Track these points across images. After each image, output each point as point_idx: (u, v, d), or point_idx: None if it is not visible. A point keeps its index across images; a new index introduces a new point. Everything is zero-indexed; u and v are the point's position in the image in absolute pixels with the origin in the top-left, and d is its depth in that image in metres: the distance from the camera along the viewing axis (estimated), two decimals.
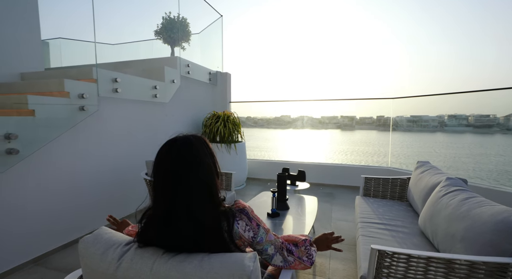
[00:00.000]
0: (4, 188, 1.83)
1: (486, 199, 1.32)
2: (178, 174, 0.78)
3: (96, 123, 2.50)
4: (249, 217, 0.85)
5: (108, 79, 2.61)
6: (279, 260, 0.93)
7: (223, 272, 0.67)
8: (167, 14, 4.22)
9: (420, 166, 2.23)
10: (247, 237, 0.84)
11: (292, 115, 6.24)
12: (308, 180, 4.37)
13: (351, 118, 7.25)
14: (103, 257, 0.76)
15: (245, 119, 6.38)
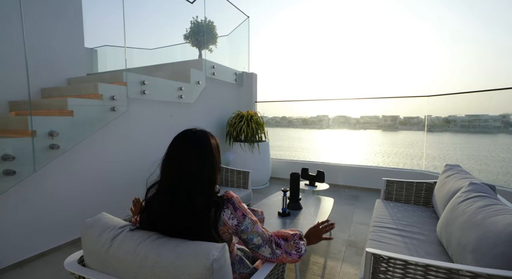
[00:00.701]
0: (46, 178, 2.11)
1: (510, 207, 1.18)
2: (187, 161, 0.89)
3: (125, 122, 2.74)
4: (235, 206, 0.92)
5: (136, 82, 2.84)
6: (267, 252, 0.96)
7: (191, 257, 0.72)
8: (194, 19, 4.42)
9: (448, 169, 2.04)
10: (231, 225, 0.90)
11: (330, 115, 6.03)
12: (334, 182, 4.27)
13: (394, 118, 6.77)
14: (99, 238, 0.86)
15: (280, 119, 6.36)
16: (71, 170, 2.29)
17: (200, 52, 4.62)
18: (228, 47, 5.30)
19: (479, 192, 1.38)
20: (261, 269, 0.95)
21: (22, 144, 1.94)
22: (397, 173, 3.86)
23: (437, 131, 4.81)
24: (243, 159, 4.12)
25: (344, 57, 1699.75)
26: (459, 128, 4.82)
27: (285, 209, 2.06)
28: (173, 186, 0.88)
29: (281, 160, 4.81)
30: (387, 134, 14.99)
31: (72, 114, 2.26)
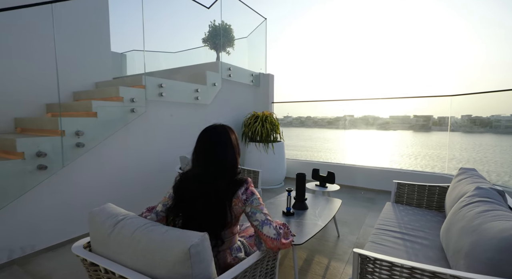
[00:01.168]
0: (72, 173, 2.35)
1: (510, 213, 1.13)
2: (210, 152, 1.14)
3: (144, 122, 2.94)
4: (247, 186, 1.14)
5: (154, 85, 3.03)
6: (272, 232, 1.04)
7: (174, 242, 0.81)
8: (212, 23, 4.57)
9: (461, 173, 1.95)
10: (241, 198, 1.10)
11: (356, 115, 5.81)
12: (351, 183, 4.19)
13: (427, 118, 6.37)
14: (103, 224, 0.98)
15: (305, 119, 6.30)
16: (95, 165, 2.51)
17: (217, 54, 4.76)
18: (248, 49, 5.40)
19: (483, 197, 1.32)
20: (252, 256, 1.02)
21: (52, 142, 2.18)
22: (418, 175, 3.70)
23: (476, 132, 4.52)
24: (258, 158, 4.19)
25: (370, 55, 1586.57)
26: (503, 129, 4.41)
27: (289, 208, 2.10)
28: (202, 172, 1.11)
29: (296, 160, 4.81)
30: (418, 135, 14.19)
31: (96, 115, 2.48)
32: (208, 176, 1.10)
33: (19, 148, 2.01)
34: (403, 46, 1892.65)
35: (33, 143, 2.08)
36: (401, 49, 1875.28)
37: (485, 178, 1.78)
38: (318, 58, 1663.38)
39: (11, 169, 1.98)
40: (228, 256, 1.13)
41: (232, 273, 0.90)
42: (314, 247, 2.27)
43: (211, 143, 1.15)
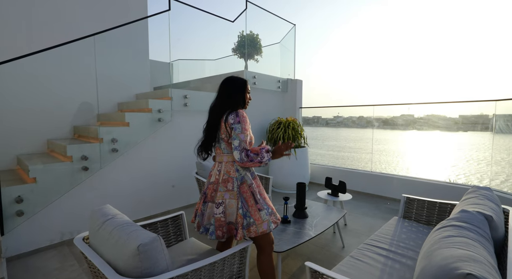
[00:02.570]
0: (109, 175, 2.82)
1: (475, 241, 1.07)
2: (220, 90, 1.62)
3: (170, 130, 3.32)
4: (237, 114, 1.47)
5: (180, 96, 3.39)
6: (237, 156, 1.42)
7: (131, 240, 1.02)
8: (240, 33, 4.82)
9: (471, 191, 1.78)
10: (229, 121, 1.46)
11: (416, 114, 5.28)
12: (379, 193, 3.97)
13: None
14: (96, 221, 1.25)
15: (357, 119, 6.08)
16: (127, 168, 2.96)
17: (246, 63, 5.00)
18: (276, 56, 5.53)
19: (461, 221, 1.24)
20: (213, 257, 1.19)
21: (93, 148, 2.66)
22: (456, 189, 3.35)
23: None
24: (280, 164, 4.28)
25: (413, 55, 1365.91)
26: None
27: (286, 217, 2.18)
28: (214, 104, 1.61)
29: (320, 166, 4.76)
30: (501, 137, 12.30)
31: (129, 125, 2.92)
32: (217, 106, 1.57)
33: (69, 152, 2.52)
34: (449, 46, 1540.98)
35: (79, 149, 2.58)
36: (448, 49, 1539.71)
37: (494, 200, 1.61)
38: (363, 61, 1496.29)
39: (63, 169, 2.51)
40: (231, 168, 1.49)
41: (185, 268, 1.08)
42: (313, 255, 2.31)
43: (219, 86, 1.63)
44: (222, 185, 1.47)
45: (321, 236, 2.68)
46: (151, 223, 1.67)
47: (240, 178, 1.48)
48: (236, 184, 1.46)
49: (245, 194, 1.46)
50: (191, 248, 1.63)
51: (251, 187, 1.48)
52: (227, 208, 1.45)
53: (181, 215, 1.83)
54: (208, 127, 1.57)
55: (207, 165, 2.90)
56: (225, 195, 1.45)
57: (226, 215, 1.45)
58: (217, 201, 1.46)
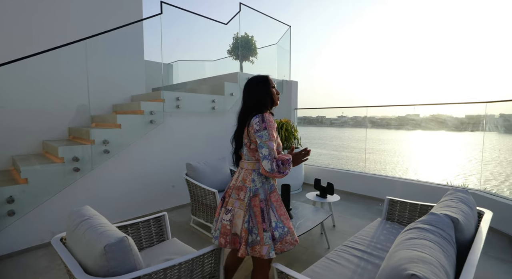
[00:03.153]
0: (100, 175, 2.88)
1: (434, 243, 1.10)
2: (244, 92, 1.50)
3: (162, 131, 3.38)
4: (264, 120, 1.35)
5: (172, 98, 3.44)
6: (267, 167, 1.29)
7: (99, 240, 1.06)
8: (235, 35, 4.87)
9: (449, 193, 1.80)
10: (253, 128, 1.35)
11: (422, 114, 5.28)
12: (371, 194, 3.98)
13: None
14: (73, 222, 1.31)
15: (361, 120, 6.10)
16: (119, 169, 3.02)
17: (241, 64, 5.04)
18: (272, 57, 5.57)
19: (426, 223, 1.27)
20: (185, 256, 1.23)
21: (85, 149, 2.72)
22: (444, 190, 3.35)
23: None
24: None
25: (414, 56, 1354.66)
26: None
27: None
28: (240, 109, 1.50)
29: (315, 166, 4.78)
30: (507, 137, 12.20)
31: (120, 127, 2.98)
32: (240, 110, 1.49)
33: (60, 154, 2.58)
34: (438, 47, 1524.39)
35: (70, 150, 2.64)
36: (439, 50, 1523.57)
37: (468, 202, 1.63)
38: (363, 62, 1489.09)
39: (55, 170, 2.57)
40: (248, 176, 1.40)
41: (152, 268, 1.12)
42: (298, 256, 2.34)
43: (244, 89, 1.50)
44: (235, 192, 1.41)
45: (308, 237, 2.71)
46: (133, 223, 1.71)
47: (254, 190, 1.37)
48: (248, 195, 1.36)
49: (255, 208, 1.35)
50: (171, 248, 1.68)
51: (262, 202, 1.35)
52: (235, 217, 1.37)
53: (163, 215, 1.87)
54: (236, 135, 1.48)
55: (197, 166, 2.95)
56: (235, 202, 1.39)
57: (232, 225, 1.38)
58: (227, 207, 1.41)
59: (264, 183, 1.40)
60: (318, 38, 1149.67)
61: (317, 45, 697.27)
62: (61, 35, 3.53)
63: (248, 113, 1.42)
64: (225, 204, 1.45)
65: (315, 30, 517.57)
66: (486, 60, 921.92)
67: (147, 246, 1.76)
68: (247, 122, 1.39)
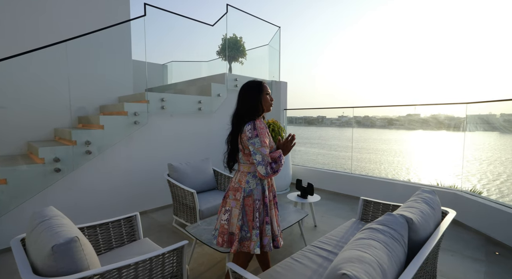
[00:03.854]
0: (84, 175, 2.90)
1: (381, 243, 1.12)
2: (239, 97, 1.57)
3: (146, 132, 3.40)
4: (255, 126, 1.44)
5: (157, 100, 3.46)
6: (262, 171, 1.40)
7: (49, 240, 1.08)
8: (224, 36, 4.89)
9: (416, 194, 1.82)
10: (246, 136, 1.43)
11: (422, 114, 5.35)
12: (355, 194, 4.01)
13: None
14: (33, 222, 1.33)
15: (362, 119, 6.09)
16: (102, 169, 3.05)
17: (230, 65, 5.06)
18: (262, 58, 5.59)
19: (380, 224, 1.29)
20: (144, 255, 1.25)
21: (66, 150, 2.75)
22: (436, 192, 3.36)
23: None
24: None
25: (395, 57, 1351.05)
26: None
27: None
28: (233, 113, 1.60)
29: (303, 167, 4.80)
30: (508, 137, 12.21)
31: (103, 128, 3.00)
32: (234, 117, 1.57)
33: (40, 155, 2.60)
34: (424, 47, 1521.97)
35: (51, 151, 2.66)
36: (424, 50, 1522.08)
37: (431, 203, 1.65)
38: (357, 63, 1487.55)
39: (35, 170, 2.59)
40: (242, 178, 1.50)
41: (105, 268, 1.14)
42: (274, 256, 2.36)
43: (238, 96, 1.58)
44: (232, 193, 1.52)
45: (287, 237, 2.73)
46: (103, 223, 1.74)
47: (248, 191, 1.48)
48: (242, 195, 1.47)
49: (247, 207, 1.47)
50: (139, 248, 1.70)
51: (255, 202, 1.47)
52: (232, 217, 1.49)
53: (135, 215, 1.89)
54: (231, 139, 1.55)
55: (179, 167, 2.97)
56: (232, 203, 1.51)
57: (230, 224, 1.48)
58: (226, 207, 1.52)
59: (258, 184, 1.50)
60: (319, 38, 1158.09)
61: (318, 45, 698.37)
62: (47, 37, 3.56)
63: (240, 119, 1.50)
64: (224, 204, 1.55)
65: (316, 30, 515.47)
66: (482, 60, 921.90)
67: (117, 246, 1.78)
68: (240, 128, 1.48)
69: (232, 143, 1.54)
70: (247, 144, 1.43)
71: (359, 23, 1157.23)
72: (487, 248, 2.49)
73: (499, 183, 9.52)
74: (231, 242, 1.48)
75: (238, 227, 1.44)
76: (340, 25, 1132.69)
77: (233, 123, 1.56)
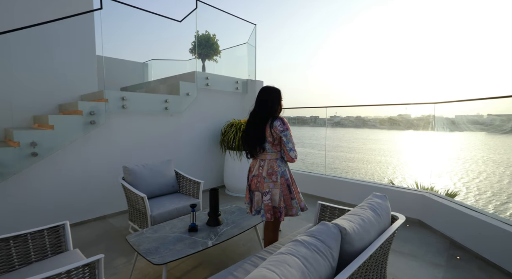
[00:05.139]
0: (31, 178, 2.69)
1: (298, 258, 0.99)
2: (260, 99, 1.94)
3: (106, 132, 3.21)
4: (284, 122, 1.85)
5: (117, 98, 3.28)
6: (293, 155, 1.87)
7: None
8: (196, 33, 4.72)
9: (367, 199, 1.71)
10: (279, 129, 1.83)
11: (413, 115, 5.34)
12: (334, 197, 3.91)
13: (509, 118, 5.78)
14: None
15: (354, 119, 5.92)
16: (51, 172, 2.84)
17: (203, 64, 4.90)
18: (237, 56, 5.46)
19: (310, 235, 1.16)
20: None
21: (7, 152, 2.53)
22: (396, 193, 3.29)
23: None
24: (231, 167, 4.20)
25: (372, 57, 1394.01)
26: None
27: (193, 224, 2.09)
28: (256, 110, 1.94)
29: None
30: (495, 137, 12.42)
31: (53, 128, 2.80)
32: (258, 112, 1.91)
33: None
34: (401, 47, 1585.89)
35: None
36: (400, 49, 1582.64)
37: (379, 209, 1.54)
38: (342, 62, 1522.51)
39: None
40: (274, 164, 1.89)
41: None
42: (226, 263, 2.22)
43: (260, 95, 1.95)
44: (268, 177, 1.87)
45: (246, 243, 2.60)
46: (18, 235, 1.56)
47: (281, 172, 1.89)
48: (279, 177, 1.87)
49: (283, 186, 1.89)
50: (60, 263, 1.53)
51: (287, 180, 1.91)
52: (272, 195, 1.87)
53: (63, 225, 1.72)
54: (255, 131, 1.88)
55: (134, 169, 2.80)
56: (270, 185, 1.86)
57: (272, 201, 1.87)
58: (264, 190, 1.87)
59: (286, 166, 1.95)
60: (314, 39, 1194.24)
61: (312, 46, 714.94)
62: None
63: (265, 116, 1.87)
64: (255, 188, 1.92)
65: (310, 30, 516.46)
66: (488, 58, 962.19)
67: (37, 260, 1.60)
68: (267, 124, 1.85)
69: (256, 134, 1.87)
70: (280, 135, 1.83)
71: (354, 22, 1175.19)
72: (449, 252, 2.42)
73: (478, 181, 9.72)
74: (275, 214, 1.89)
75: (281, 202, 1.87)
76: (334, 24, 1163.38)
77: (255, 117, 1.91)
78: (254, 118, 1.91)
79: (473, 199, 7.68)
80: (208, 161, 4.49)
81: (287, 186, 1.89)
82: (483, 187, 9.06)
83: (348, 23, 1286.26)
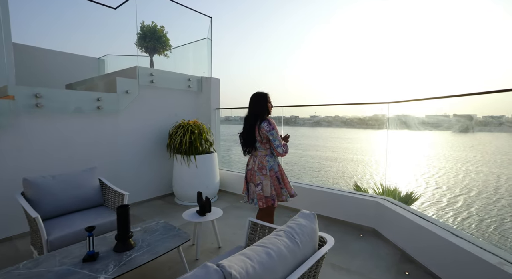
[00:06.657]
0: None
1: None
2: (251, 105, 2.21)
3: (14, 136, 2.68)
4: (269, 123, 2.10)
5: (29, 96, 2.74)
6: (280, 150, 2.11)
7: None
8: (141, 24, 4.24)
9: (291, 219, 1.40)
10: (265, 130, 2.09)
11: (387, 115, 5.26)
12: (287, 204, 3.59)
13: (469, 118, 6.01)
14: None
15: (332, 119, 5.79)
16: None
17: (151, 58, 4.44)
18: (190, 52, 5.05)
19: None
20: None
21: None
22: (352, 199, 3.06)
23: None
24: (179, 174, 3.78)
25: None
26: None
27: (91, 252, 1.67)
28: (248, 115, 2.21)
29: (231, 172, 4.34)
30: (459, 136, 12.74)
31: None
32: (248, 118, 2.19)
33: None
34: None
35: None
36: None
37: (300, 234, 1.23)
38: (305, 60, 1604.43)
39: None
40: (264, 159, 2.16)
41: None
42: None
43: (249, 102, 2.22)
44: (259, 171, 2.14)
45: (173, 265, 2.22)
46: None
47: (269, 166, 2.15)
48: (268, 170, 2.14)
49: (272, 178, 2.15)
50: None
51: (276, 173, 2.18)
52: (263, 186, 2.13)
53: None
54: (247, 132, 2.17)
55: (38, 182, 2.30)
56: (261, 177, 2.13)
57: (263, 191, 2.13)
58: (256, 182, 2.14)
59: (274, 161, 2.19)
60: (291, 39, 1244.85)
61: (290, 45, 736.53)
62: None
63: (254, 118, 2.14)
64: (250, 180, 2.20)
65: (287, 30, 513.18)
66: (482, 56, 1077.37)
67: None
68: (256, 126, 2.12)
69: (248, 135, 2.16)
70: (267, 135, 2.08)
71: (330, 22, 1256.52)
72: (399, 267, 2.20)
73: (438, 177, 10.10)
74: (267, 202, 2.13)
75: (272, 191, 2.13)
76: (311, 25, 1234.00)
77: (246, 121, 2.20)
78: (245, 122, 2.20)
79: (430, 193, 7.90)
80: (153, 166, 4.03)
81: (276, 177, 2.17)
82: (440, 182, 9.44)
83: (325, 22, 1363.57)
